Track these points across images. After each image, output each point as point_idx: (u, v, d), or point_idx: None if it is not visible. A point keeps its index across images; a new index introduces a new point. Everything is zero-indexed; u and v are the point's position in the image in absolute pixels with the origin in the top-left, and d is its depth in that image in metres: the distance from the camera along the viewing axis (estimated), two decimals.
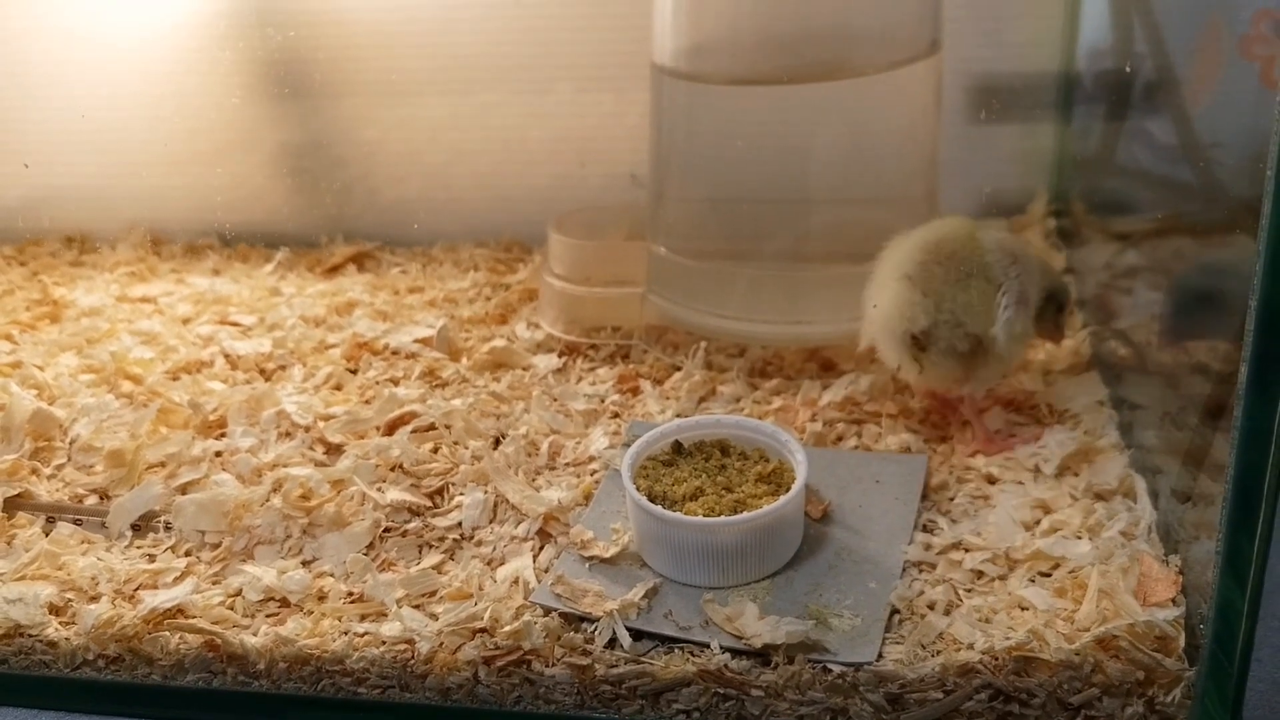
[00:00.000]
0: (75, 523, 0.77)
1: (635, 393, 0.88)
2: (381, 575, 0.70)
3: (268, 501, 0.76)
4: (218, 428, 0.85)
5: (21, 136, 1.16)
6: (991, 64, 1.04)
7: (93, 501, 0.79)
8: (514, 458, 0.79)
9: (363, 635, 0.66)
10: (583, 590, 0.66)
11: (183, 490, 0.78)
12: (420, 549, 0.73)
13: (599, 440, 0.81)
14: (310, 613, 0.68)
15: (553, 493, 0.76)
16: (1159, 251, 0.82)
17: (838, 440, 0.81)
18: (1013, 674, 0.60)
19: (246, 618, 0.68)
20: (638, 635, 0.64)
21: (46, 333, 1.02)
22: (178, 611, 0.68)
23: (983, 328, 0.75)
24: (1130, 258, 0.88)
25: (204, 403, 0.87)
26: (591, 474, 0.78)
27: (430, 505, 0.76)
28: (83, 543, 0.75)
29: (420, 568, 0.71)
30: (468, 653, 0.64)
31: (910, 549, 0.69)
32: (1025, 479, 0.75)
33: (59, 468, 0.83)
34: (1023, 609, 0.64)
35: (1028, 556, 0.67)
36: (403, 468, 0.79)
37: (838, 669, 0.61)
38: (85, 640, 0.68)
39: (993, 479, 0.75)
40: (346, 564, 0.71)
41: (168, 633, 0.67)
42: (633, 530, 0.70)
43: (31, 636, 0.68)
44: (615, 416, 0.86)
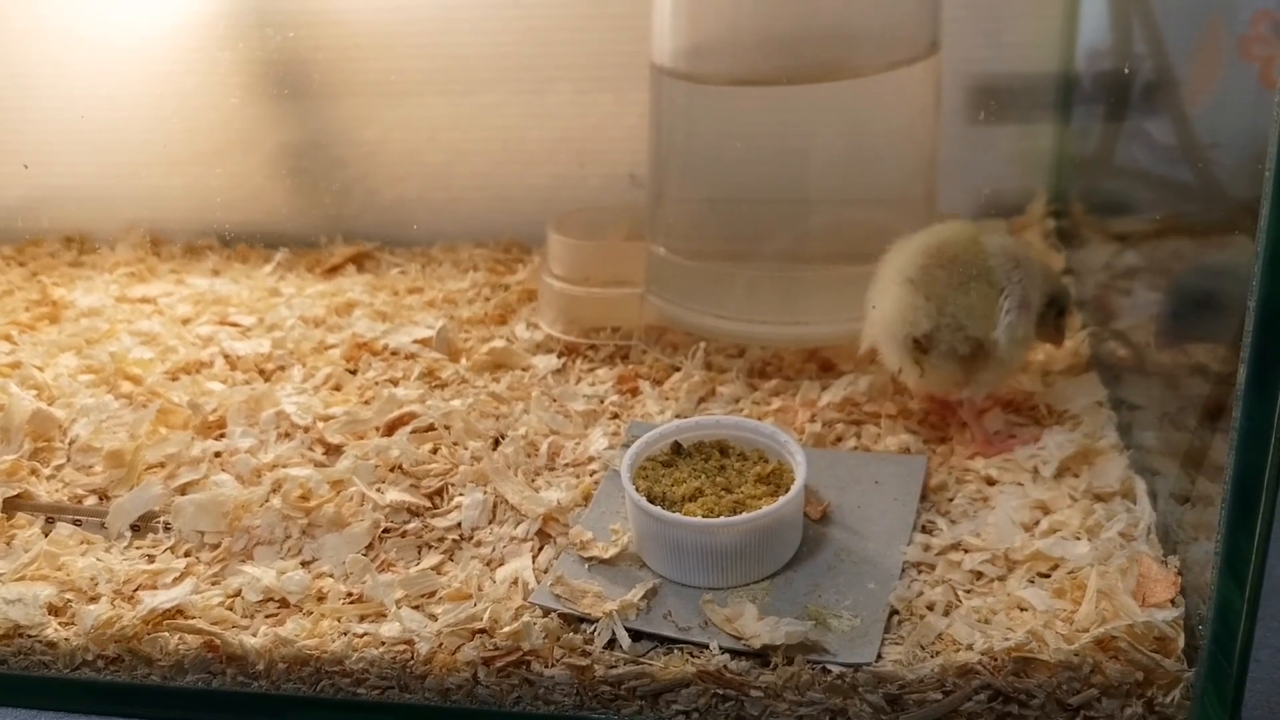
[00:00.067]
0: (74, 523, 0.77)
1: (634, 393, 0.88)
2: (381, 576, 0.70)
3: (267, 502, 0.76)
4: (217, 428, 0.85)
5: (21, 137, 1.16)
6: (991, 64, 1.04)
7: (92, 502, 0.79)
8: (513, 458, 0.79)
9: (362, 636, 0.66)
10: (582, 591, 0.66)
11: (182, 491, 0.78)
12: (419, 550, 0.73)
13: (598, 441, 0.82)
14: (309, 613, 0.68)
15: (552, 493, 0.76)
16: (1158, 252, 0.82)
17: (837, 441, 0.81)
18: (1012, 675, 0.60)
19: (246, 618, 0.68)
20: (637, 636, 0.64)
21: (46, 333, 1.02)
22: (177, 612, 0.68)
23: (984, 331, 0.75)
24: (1129, 258, 0.88)
25: (203, 403, 0.87)
26: (591, 474, 0.78)
27: (429, 506, 0.76)
28: (82, 543, 0.75)
29: (419, 568, 0.71)
30: (467, 653, 0.64)
31: (909, 550, 0.69)
32: (1024, 480, 0.75)
33: (58, 468, 0.83)
34: (1022, 610, 0.64)
35: (1027, 557, 0.67)
36: (402, 468, 0.79)
37: (837, 670, 0.61)
38: (84, 641, 0.68)
39: (992, 480, 0.75)
40: (346, 564, 0.71)
41: (167, 633, 0.67)
42: (632, 531, 0.70)
43: (31, 637, 0.68)
44: (614, 417, 0.86)
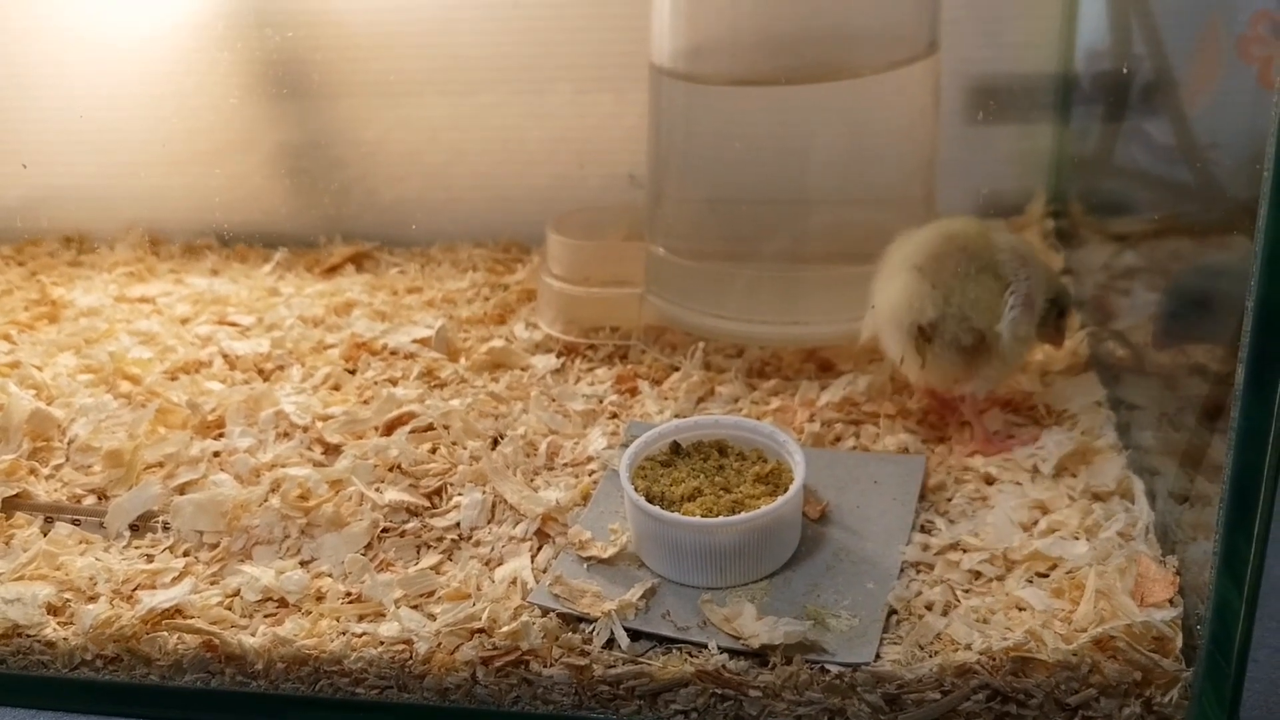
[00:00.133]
0: (73, 523, 0.77)
1: (633, 393, 0.88)
2: (380, 575, 0.70)
3: (266, 502, 0.76)
4: (216, 428, 0.85)
5: (20, 136, 1.17)
6: (990, 65, 1.04)
7: (91, 501, 0.79)
8: (512, 458, 0.79)
9: (361, 635, 0.66)
10: (581, 590, 0.66)
11: (181, 490, 0.78)
12: (418, 549, 0.73)
13: (597, 440, 0.82)
14: (308, 613, 0.68)
15: (551, 493, 0.76)
16: (1157, 252, 0.82)
17: (836, 441, 0.81)
18: (1010, 674, 0.60)
19: (244, 618, 0.68)
20: (635, 635, 0.64)
21: (45, 333, 1.02)
22: (176, 612, 0.68)
23: (988, 323, 0.75)
24: (1128, 258, 0.88)
25: (202, 403, 0.87)
26: (590, 474, 0.78)
27: (428, 505, 0.76)
28: (81, 543, 0.75)
29: (418, 568, 0.71)
30: (466, 653, 0.64)
31: (908, 549, 0.69)
32: (1023, 480, 0.75)
33: (57, 468, 0.83)
34: (1020, 609, 0.64)
35: (1025, 557, 0.67)
36: (401, 468, 0.79)
37: (835, 669, 0.61)
38: (83, 640, 0.68)
39: (991, 480, 0.75)
40: (345, 564, 0.71)
41: (166, 633, 0.67)
42: (631, 531, 0.70)
43: (29, 637, 0.68)
44: (613, 417, 0.86)
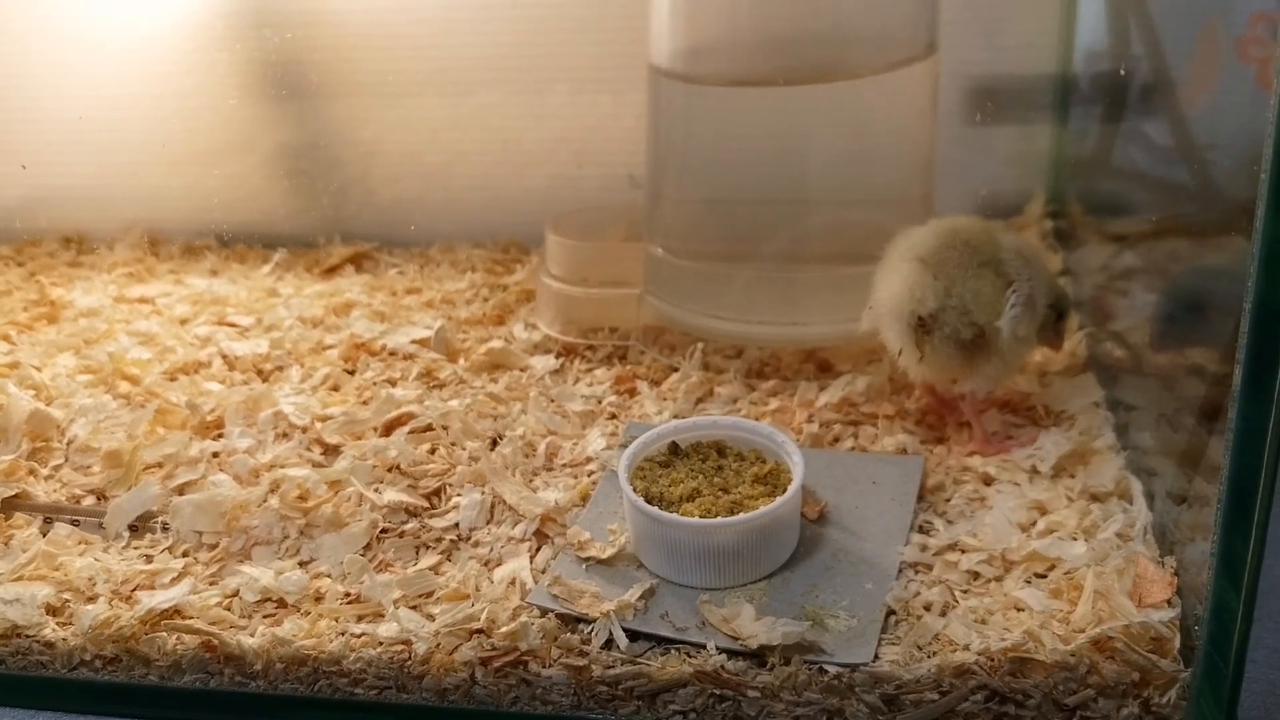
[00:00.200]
0: (72, 523, 0.77)
1: (632, 394, 0.89)
2: (378, 576, 0.70)
3: (265, 502, 0.76)
4: (215, 428, 0.85)
5: (19, 137, 1.17)
6: (988, 66, 1.04)
7: (90, 502, 0.79)
8: (511, 459, 0.79)
9: (360, 636, 0.66)
10: (579, 591, 0.66)
11: (180, 491, 0.78)
12: (417, 550, 0.73)
13: (596, 441, 0.82)
14: (307, 613, 0.68)
15: (550, 494, 0.76)
16: (1155, 253, 0.82)
17: (834, 441, 0.81)
18: (1008, 675, 0.60)
19: (243, 618, 0.68)
20: (634, 636, 0.64)
21: (44, 333, 1.02)
22: (175, 612, 0.69)
23: (989, 319, 0.75)
24: (1127, 259, 0.88)
25: (201, 403, 0.87)
26: (588, 475, 0.78)
27: (427, 506, 0.76)
28: (80, 543, 0.75)
29: (417, 568, 0.71)
30: (464, 653, 0.64)
31: (906, 550, 0.69)
32: (1021, 480, 0.75)
33: (56, 468, 0.83)
34: (1018, 610, 0.64)
35: (1023, 558, 0.67)
36: (400, 469, 0.79)
37: (834, 670, 0.61)
38: (82, 641, 0.68)
39: (989, 480, 0.76)
40: (343, 565, 0.71)
41: (165, 633, 0.68)
42: (629, 531, 0.70)
43: (29, 637, 0.68)
44: (612, 417, 0.86)
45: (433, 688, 0.65)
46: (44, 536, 0.76)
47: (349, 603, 0.69)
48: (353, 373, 0.93)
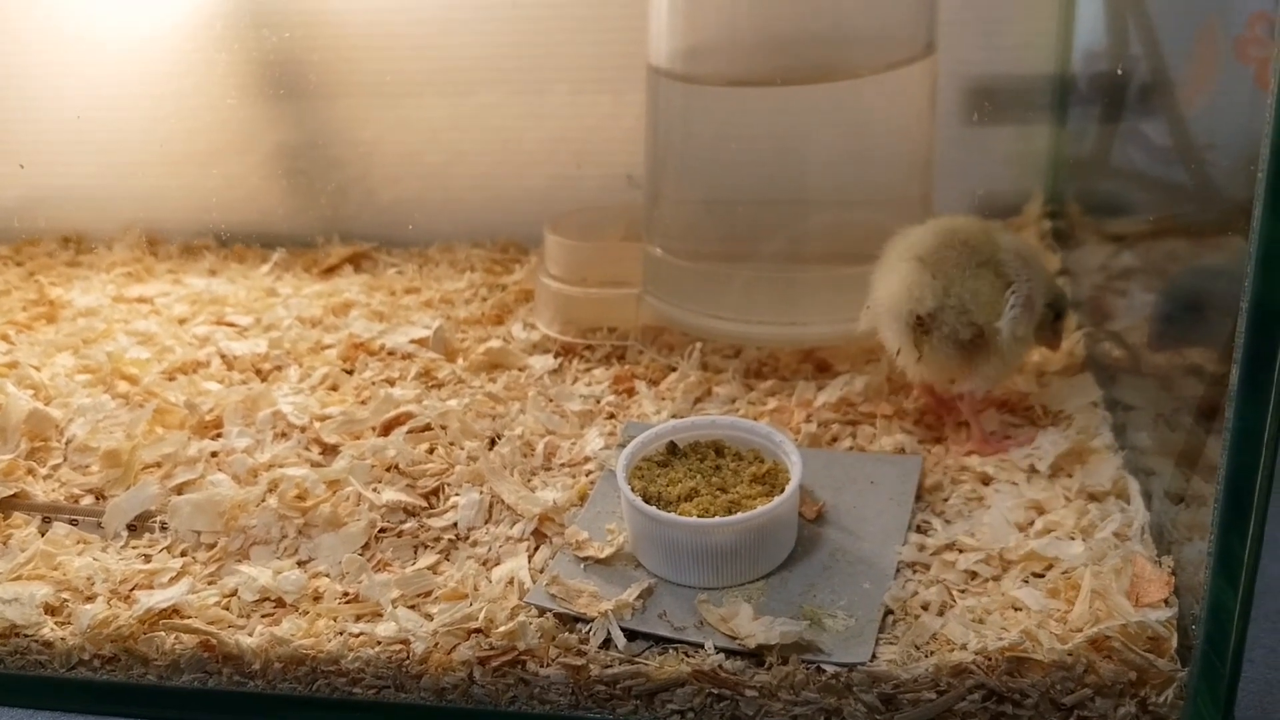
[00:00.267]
0: (71, 523, 0.77)
1: (631, 393, 0.89)
2: (377, 575, 0.70)
3: (263, 502, 0.76)
4: (214, 428, 0.85)
5: (18, 137, 1.17)
6: (987, 66, 1.04)
7: (88, 502, 0.79)
8: (509, 458, 0.79)
9: (358, 635, 0.66)
10: (577, 591, 0.66)
11: (178, 490, 0.78)
12: (416, 549, 0.73)
13: (594, 441, 0.82)
14: (305, 613, 0.68)
15: (548, 493, 0.76)
16: (1153, 253, 0.82)
17: (832, 441, 0.81)
18: (1006, 674, 0.60)
19: (242, 618, 0.68)
20: (632, 635, 0.64)
21: (43, 333, 1.02)
22: (173, 611, 0.69)
23: (987, 318, 0.75)
24: (1125, 259, 0.88)
25: (200, 403, 0.87)
26: (587, 474, 0.78)
27: (426, 506, 0.76)
28: (78, 543, 0.76)
29: (415, 568, 0.71)
30: (463, 653, 0.64)
31: (904, 550, 0.69)
32: (1019, 480, 0.75)
33: (55, 468, 0.83)
34: (1016, 609, 0.64)
35: (1021, 557, 0.67)
36: (398, 468, 0.79)
37: (831, 669, 0.61)
38: (81, 640, 0.68)
39: (987, 480, 0.76)
40: (342, 564, 0.71)
41: (163, 633, 0.68)
42: (627, 531, 0.70)
43: (27, 636, 0.68)
44: (611, 417, 0.86)
45: (431, 687, 0.65)
46: (42, 536, 0.76)
47: (347, 602, 0.69)
48: (351, 372, 0.93)
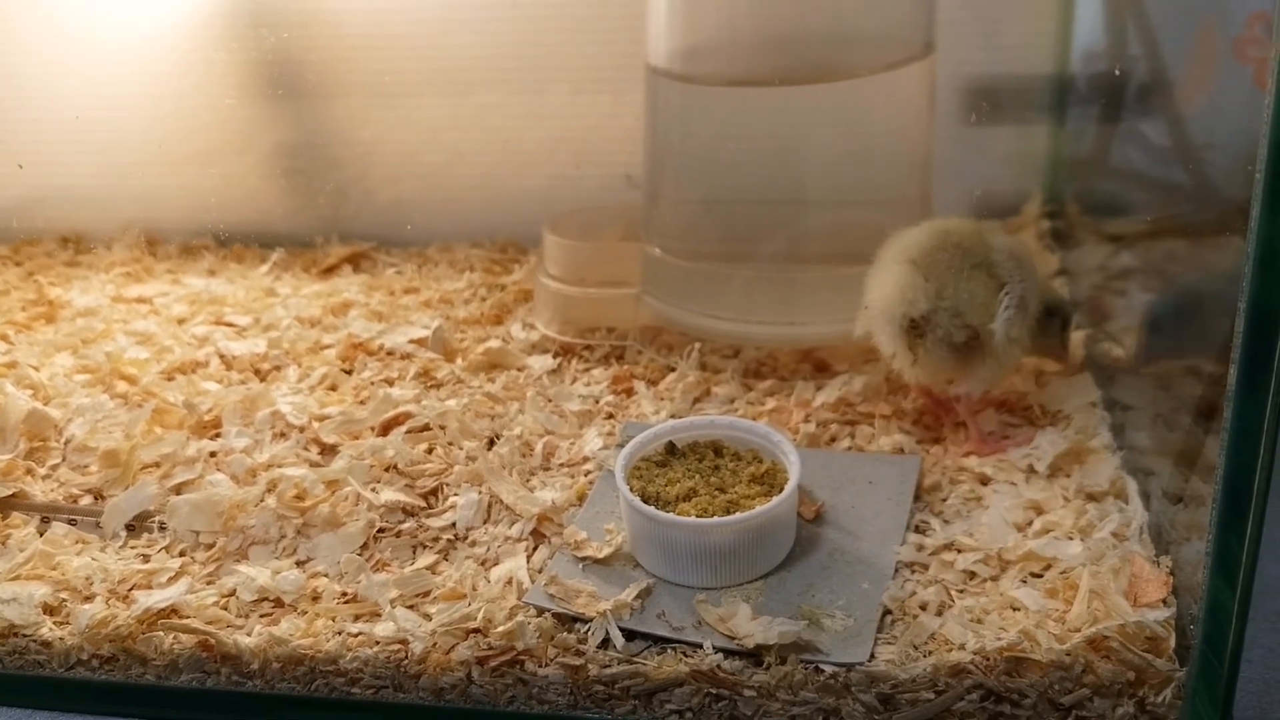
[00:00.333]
0: (70, 523, 0.77)
1: (629, 393, 0.89)
2: (375, 575, 0.70)
3: (262, 502, 0.76)
4: (212, 428, 0.85)
5: (17, 137, 1.16)
6: (986, 66, 1.04)
7: (87, 501, 0.79)
8: (508, 458, 0.79)
9: (356, 635, 0.66)
10: (576, 591, 0.66)
11: (177, 490, 0.78)
12: (414, 549, 0.73)
13: (593, 441, 0.82)
14: (304, 613, 0.68)
15: (547, 493, 0.76)
16: (1152, 253, 0.82)
17: (831, 441, 0.81)
18: (1004, 674, 0.60)
19: (240, 618, 0.69)
20: (631, 635, 0.64)
21: (42, 333, 1.02)
22: (172, 611, 0.69)
23: (981, 321, 0.75)
24: (1124, 259, 0.88)
25: (199, 403, 0.87)
26: (585, 475, 0.78)
27: (424, 506, 0.76)
28: (77, 543, 0.76)
29: (414, 568, 0.71)
30: (461, 653, 0.64)
31: (903, 550, 0.69)
32: (1018, 480, 0.75)
33: (54, 468, 0.83)
34: (1014, 609, 0.64)
35: (1020, 557, 0.67)
36: (397, 468, 0.79)
37: (830, 669, 0.61)
38: (79, 640, 0.68)
39: (985, 480, 0.76)
40: (340, 564, 0.71)
41: (162, 633, 0.68)
42: (626, 531, 0.70)
43: (26, 636, 0.68)
44: (609, 417, 0.86)
45: (429, 687, 0.65)
46: (41, 536, 0.76)
47: (346, 602, 0.69)
48: (350, 372, 0.93)
